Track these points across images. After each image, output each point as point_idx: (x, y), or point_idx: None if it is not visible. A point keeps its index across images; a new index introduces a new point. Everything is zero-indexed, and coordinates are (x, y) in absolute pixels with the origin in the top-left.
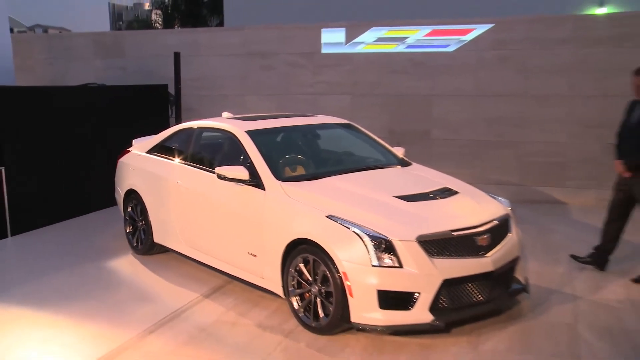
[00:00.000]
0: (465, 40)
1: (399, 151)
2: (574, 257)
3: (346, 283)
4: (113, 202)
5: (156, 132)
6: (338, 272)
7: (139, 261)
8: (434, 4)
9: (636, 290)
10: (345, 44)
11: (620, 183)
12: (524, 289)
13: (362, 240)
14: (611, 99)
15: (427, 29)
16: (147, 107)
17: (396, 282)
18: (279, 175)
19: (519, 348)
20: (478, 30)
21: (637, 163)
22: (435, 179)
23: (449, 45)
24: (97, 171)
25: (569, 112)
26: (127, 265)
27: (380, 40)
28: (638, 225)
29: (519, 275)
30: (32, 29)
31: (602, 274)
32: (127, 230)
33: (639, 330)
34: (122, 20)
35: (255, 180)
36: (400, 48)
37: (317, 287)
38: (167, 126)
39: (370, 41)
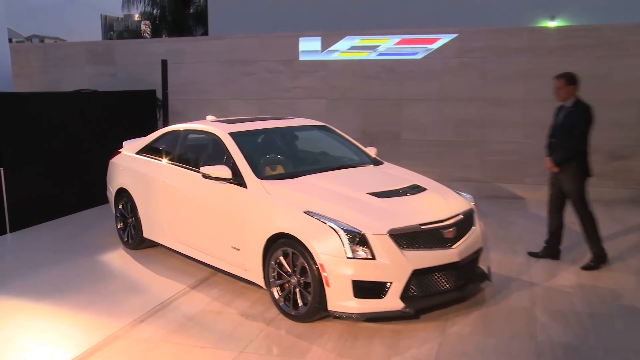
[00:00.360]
0: (432, 49)
1: (371, 151)
2: (531, 254)
3: (323, 274)
4: (105, 200)
5: (145, 135)
6: (315, 264)
7: (130, 255)
8: (403, 15)
9: (585, 276)
10: (321, 51)
11: (552, 178)
12: (487, 277)
13: (338, 234)
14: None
15: (397, 38)
16: (137, 111)
17: (369, 273)
18: (260, 174)
19: (482, 331)
20: (443, 39)
21: (562, 160)
22: (405, 176)
23: (417, 53)
24: (90, 171)
25: (525, 115)
26: (119, 259)
27: (353, 48)
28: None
29: (482, 264)
30: (29, 39)
31: (555, 262)
32: (118, 227)
33: (588, 312)
34: (113, 30)
35: (237, 179)
36: (372, 55)
37: (296, 278)
38: (155, 129)
39: (344, 49)
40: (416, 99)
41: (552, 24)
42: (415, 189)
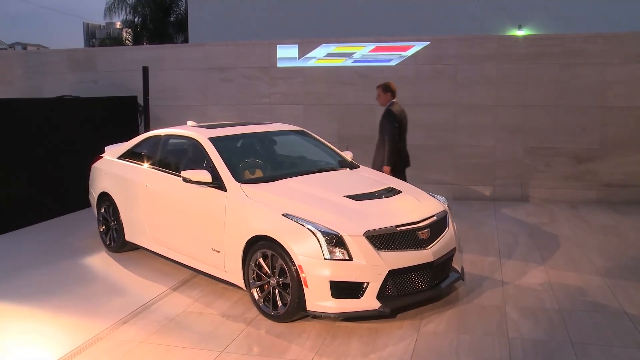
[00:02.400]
0: (405, 56)
1: (347, 155)
2: None
3: (302, 275)
4: (88, 204)
5: (126, 140)
6: (294, 265)
7: (112, 258)
8: (377, 24)
9: (554, 275)
10: (299, 58)
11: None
12: (460, 277)
13: (316, 236)
14: (530, 108)
15: (372, 45)
16: (118, 117)
17: (347, 274)
18: (239, 178)
19: (456, 328)
20: (416, 47)
21: (388, 160)
22: (381, 179)
23: (391, 59)
24: (73, 175)
25: (495, 119)
26: (101, 261)
27: (329, 55)
28: (563, 217)
29: (455, 264)
30: (12, 46)
31: (526, 262)
32: (101, 230)
33: (556, 308)
34: (95, 38)
35: (217, 183)
36: (348, 62)
37: (275, 279)
38: (136, 134)
39: (321, 56)
40: None
41: (520, 32)
42: (391, 192)
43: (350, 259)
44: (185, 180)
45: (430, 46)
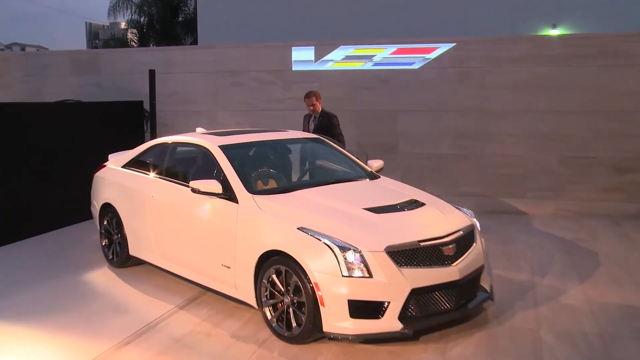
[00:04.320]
0: (429, 59)
1: (377, 163)
2: None
3: (318, 293)
4: (89, 216)
5: (131, 147)
6: (310, 282)
7: (115, 273)
8: (399, 24)
9: (593, 293)
10: (315, 61)
11: None
12: (489, 296)
13: (333, 251)
14: (565, 114)
15: (393, 48)
16: (123, 123)
17: (366, 292)
18: (251, 189)
19: (484, 353)
20: (441, 49)
21: None
22: (403, 191)
23: (414, 63)
24: (74, 185)
25: (526, 126)
26: (103, 277)
27: (348, 58)
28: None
29: (484, 283)
30: (9, 46)
31: (562, 281)
32: (103, 243)
33: (597, 332)
34: (98, 38)
35: (228, 194)
36: (367, 65)
37: (289, 298)
38: (142, 141)
39: (338, 59)
40: (413, 110)
41: (554, 32)
42: (413, 204)
43: (370, 276)
44: (193, 190)
45: (455, 48)
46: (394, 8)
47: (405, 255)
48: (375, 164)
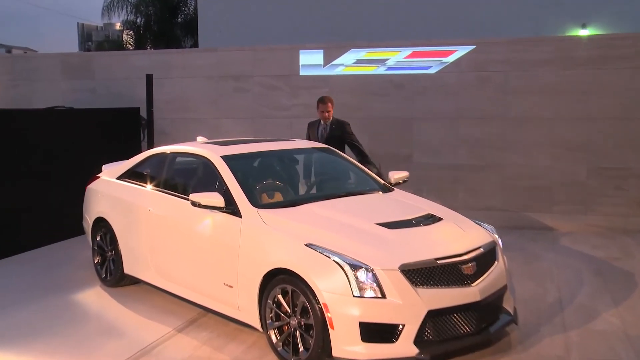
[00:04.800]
0: (447, 62)
1: (399, 175)
2: None
3: (327, 315)
4: (81, 231)
5: (127, 158)
6: (318, 303)
7: (108, 293)
8: (414, 26)
9: (629, 318)
10: (324, 65)
11: None
12: (513, 319)
13: (343, 269)
14: (595, 121)
15: (408, 51)
16: (118, 131)
17: (379, 314)
18: (256, 202)
19: None
20: (460, 51)
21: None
22: (418, 205)
23: (430, 67)
24: (65, 199)
25: (552, 135)
26: (95, 297)
27: (359, 62)
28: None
29: (506, 305)
30: None
31: (593, 304)
32: (96, 261)
33: None
34: (91, 40)
35: (231, 208)
36: (380, 70)
37: (296, 320)
38: (138, 151)
39: (349, 63)
40: (429, 117)
41: (584, 32)
42: (430, 219)
43: (384, 296)
44: (194, 204)
45: (475, 51)
46: (407, 8)
47: (421, 274)
48: (396, 176)
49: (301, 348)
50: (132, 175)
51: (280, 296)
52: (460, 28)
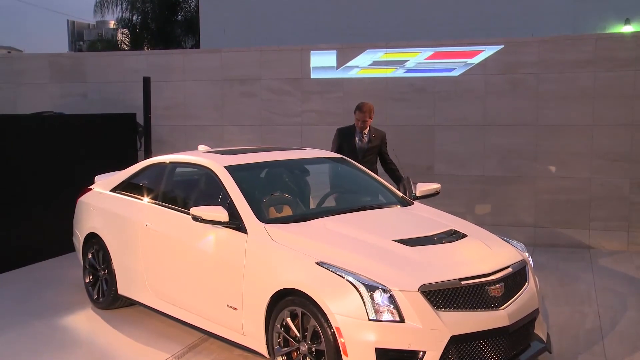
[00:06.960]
0: (472, 64)
1: (427, 187)
2: None
3: (340, 340)
4: (70, 248)
5: (122, 168)
6: (330, 327)
7: (100, 316)
8: (436, 24)
9: None
10: (337, 68)
11: None
12: (546, 347)
13: (358, 290)
14: (638, 128)
15: (429, 52)
16: (112, 140)
17: (397, 339)
18: (263, 217)
19: None
20: (487, 52)
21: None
22: (440, 220)
23: (454, 69)
24: (53, 213)
25: (590, 144)
26: (86, 321)
27: (376, 63)
28: None
29: (538, 331)
30: None
31: (638, 330)
32: (87, 281)
33: None
34: (82, 40)
35: (235, 222)
36: (398, 72)
37: (306, 345)
38: (135, 161)
39: (365, 65)
40: (453, 124)
41: (627, 29)
42: (453, 236)
43: (402, 320)
44: (195, 218)
45: (504, 51)
46: (428, 4)
47: (444, 296)
48: (424, 187)
49: None
50: (127, 187)
51: (289, 319)
52: (487, 26)
